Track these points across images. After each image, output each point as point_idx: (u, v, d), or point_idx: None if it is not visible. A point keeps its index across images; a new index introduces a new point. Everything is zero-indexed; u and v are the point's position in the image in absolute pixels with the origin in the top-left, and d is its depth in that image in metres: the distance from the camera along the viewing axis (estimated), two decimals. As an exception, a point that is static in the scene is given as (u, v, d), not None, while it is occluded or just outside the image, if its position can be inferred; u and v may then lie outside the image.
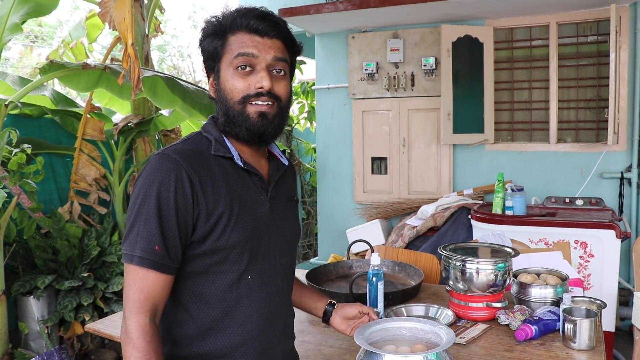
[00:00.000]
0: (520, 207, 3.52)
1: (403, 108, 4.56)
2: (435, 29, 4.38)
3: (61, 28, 14.44)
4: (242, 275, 1.26)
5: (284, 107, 1.30)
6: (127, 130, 4.28)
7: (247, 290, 1.27)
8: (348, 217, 4.81)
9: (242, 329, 1.27)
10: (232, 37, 1.25)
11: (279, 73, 1.27)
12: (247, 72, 1.24)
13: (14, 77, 4.14)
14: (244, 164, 1.28)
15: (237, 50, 1.24)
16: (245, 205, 1.26)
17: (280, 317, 1.36)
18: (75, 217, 4.01)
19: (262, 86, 1.23)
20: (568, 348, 1.70)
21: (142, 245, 1.17)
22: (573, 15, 4.04)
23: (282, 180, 1.40)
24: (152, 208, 1.17)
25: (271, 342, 1.33)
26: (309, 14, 4.19)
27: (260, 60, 1.24)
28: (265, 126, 1.26)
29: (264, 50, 1.24)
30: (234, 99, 1.25)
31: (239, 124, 1.26)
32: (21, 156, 3.36)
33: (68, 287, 3.53)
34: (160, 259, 1.17)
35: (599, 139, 4.08)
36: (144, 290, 1.18)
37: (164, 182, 1.18)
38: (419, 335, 1.38)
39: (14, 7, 3.30)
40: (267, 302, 1.31)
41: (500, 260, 1.93)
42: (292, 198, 1.45)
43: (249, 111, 1.25)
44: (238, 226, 1.24)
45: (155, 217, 1.17)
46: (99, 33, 5.02)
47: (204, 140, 1.29)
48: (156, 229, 1.17)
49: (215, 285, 1.25)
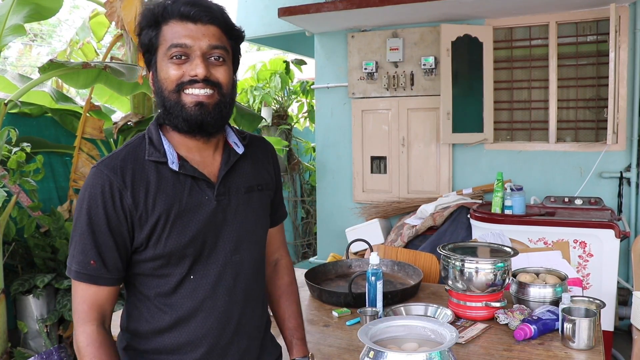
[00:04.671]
0: (520, 207, 3.53)
1: (402, 107, 4.56)
2: (434, 28, 4.37)
3: (61, 27, 14.43)
4: (185, 277, 1.25)
5: (225, 94, 1.25)
6: (126, 129, 4.28)
7: (191, 291, 1.26)
8: (347, 216, 4.81)
9: (188, 328, 1.26)
10: (165, 26, 1.21)
11: (217, 60, 1.23)
12: (182, 61, 1.20)
13: (14, 75, 4.14)
14: (180, 167, 1.23)
15: (170, 41, 1.20)
16: (184, 209, 1.22)
17: (231, 315, 1.30)
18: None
19: (197, 74, 1.19)
20: (567, 347, 1.71)
21: (78, 260, 1.19)
22: (572, 15, 4.04)
23: (236, 171, 1.33)
24: (84, 223, 1.18)
25: (221, 341, 1.29)
26: (308, 13, 4.19)
27: (194, 49, 1.19)
28: (204, 116, 1.21)
29: (198, 39, 1.19)
30: (169, 88, 1.21)
31: (176, 114, 1.22)
32: (21, 155, 3.36)
33: (67, 286, 3.53)
34: (96, 273, 1.19)
35: (598, 138, 4.08)
36: (87, 301, 1.20)
37: (93, 197, 1.18)
38: (421, 334, 1.37)
39: (13, 7, 3.30)
40: (213, 302, 1.27)
41: (500, 259, 1.93)
42: (252, 189, 1.35)
43: (184, 100, 1.21)
44: (175, 232, 1.21)
45: (88, 233, 1.18)
46: (105, 31, 5.04)
47: (144, 144, 1.26)
48: (90, 244, 1.18)
49: (159, 287, 1.26)
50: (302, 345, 1.51)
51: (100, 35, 4.98)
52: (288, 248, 1.64)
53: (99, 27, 4.92)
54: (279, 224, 1.55)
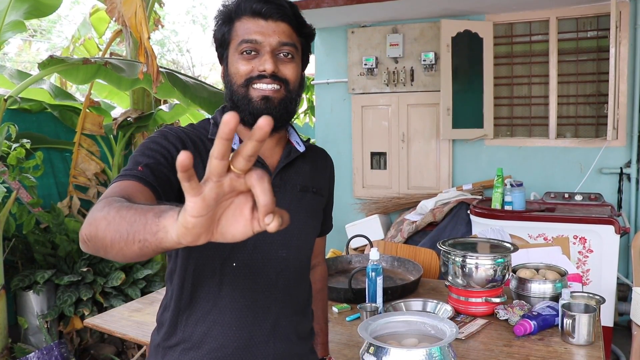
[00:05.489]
0: (520, 203, 3.53)
1: (402, 103, 4.55)
2: (434, 23, 4.37)
3: (60, 23, 14.40)
4: (226, 261, 1.22)
5: (292, 90, 1.26)
6: (126, 125, 4.28)
7: (231, 279, 1.23)
8: (347, 212, 4.81)
9: (223, 318, 1.23)
10: (237, 22, 1.24)
11: (286, 57, 1.24)
12: (251, 56, 1.23)
13: (12, 71, 4.13)
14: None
15: (241, 37, 1.22)
16: None
17: (269, 312, 1.26)
18: (74, 212, 4.01)
19: (265, 69, 1.21)
20: (567, 343, 1.71)
21: (127, 169, 1.10)
22: (573, 11, 4.04)
23: (294, 168, 1.33)
24: (141, 149, 1.15)
25: (255, 339, 1.24)
26: (308, 8, 4.18)
27: (264, 45, 1.22)
28: (270, 109, 1.22)
29: (268, 35, 1.22)
30: (237, 82, 1.24)
31: (243, 107, 1.24)
32: (20, 151, 3.36)
33: (67, 281, 3.53)
34: (140, 174, 1.08)
35: (598, 134, 4.08)
36: (116, 188, 1.03)
37: (158, 136, 1.19)
38: (422, 329, 1.38)
39: (12, 3, 3.29)
40: (252, 294, 1.24)
41: (499, 255, 1.93)
42: (307, 189, 1.35)
43: (252, 95, 1.23)
44: None
45: (141, 152, 1.14)
46: (106, 27, 5.05)
47: (208, 126, 1.29)
48: (141, 157, 1.12)
49: (201, 269, 1.22)
50: (323, 349, 1.57)
51: (101, 31, 4.99)
52: None
53: (99, 23, 4.93)
54: (324, 235, 1.58)
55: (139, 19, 3.45)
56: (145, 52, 3.43)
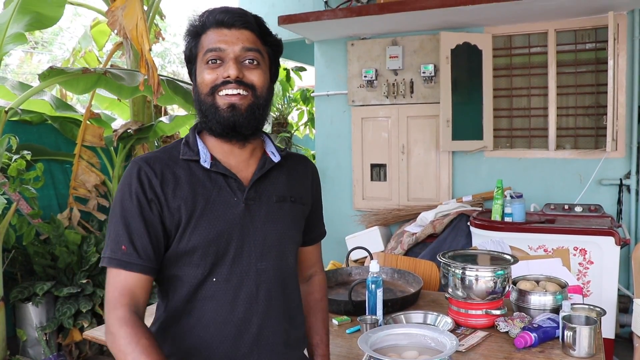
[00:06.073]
0: (520, 214, 3.53)
1: (402, 115, 4.56)
2: (434, 36, 4.39)
3: (62, 35, 14.47)
4: (207, 277, 1.26)
5: (260, 96, 1.28)
6: (126, 136, 4.29)
7: (212, 293, 1.26)
8: (347, 223, 4.81)
9: (206, 332, 1.26)
10: (203, 36, 1.27)
11: (251, 63, 1.26)
12: (216, 65, 1.25)
13: (14, 83, 4.15)
14: (212, 165, 1.27)
15: (206, 47, 1.25)
16: (211, 207, 1.25)
17: (251, 325, 1.28)
18: (74, 224, 4.01)
19: (229, 74, 1.23)
20: (568, 355, 1.70)
21: (111, 247, 1.22)
22: (571, 23, 4.06)
23: (269, 179, 1.34)
24: (118, 212, 1.23)
25: (239, 351, 1.27)
26: (308, 21, 4.20)
27: (228, 52, 1.24)
28: (236, 117, 1.25)
29: (232, 43, 1.24)
30: (204, 91, 1.26)
31: (211, 117, 1.26)
32: (21, 162, 3.36)
33: (67, 293, 3.52)
34: (127, 258, 1.20)
35: (597, 145, 4.09)
36: (118, 288, 1.20)
37: (126, 186, 1.24)
38: (422, 342, 1.37)
39: (14, 16, 3.31)
40: (233, 307, 1.27)
41: (500, 267, 1.93)
42: (284, 199, 1.35)
43: (218, 103, 1.25)
44: (199, 229, 1.23)
45: (121, 220, 1.22)
46: (107, 40, 5.09)
47: (180, 146, 1.32)
48: (122, 230, 1.21)
49: (184, 286, 1.27)
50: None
51: (101, 43, 5.02)
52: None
53: (100, 35, 4.97)
54: (316, 243, 1.57)
55: (140, 31, 3.48)
56: (146, 63, 3.45)
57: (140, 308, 1.21)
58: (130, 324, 1.16)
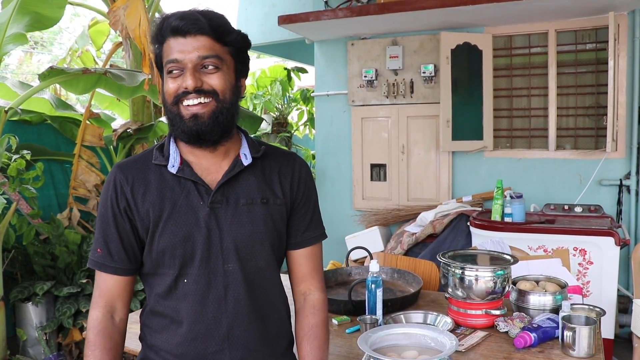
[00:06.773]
0: (519, 214, 3.53)
1: (402, 115, 4.56)
2: (434, 36, 4.39)
3: (61, 35, 14.47)
4: (178, 279, 1.32)
5: (223, 99, 1.29)
6: (126, 136, 4.29)
7: (184, 293, 1.32)
8: (347, 223, 4.81)
9: (180, 329, 1.33)
10: (165, 43, 1.29)
11: (210, 68, 1.27)
12: (178, 74, 1.28)
13: (14, 82, 4.15)
14: (179, 170, 1.32)
15: (166, 58, 1.28)
16: (178, 210, 1.30)
17: (220, 324, 1.32)
18: (74, 224, 4.01)
19: (187, 86, 1.26)
20: (567, 356, 1.70)
21: (92, 249, 1.35)
22: (572, 23, 4.06)
23: (238, 182, 1.34)
24: (98, 218, 1.35)
25: (209, 349, 1.32)
26: (308, 21, 4.20)
27: (185, 62, 1.26)
28: (199, 126, 1.27)
29: (188, 52, 1.25)
30: (169, 101, 1.30)
31: (177, 126, 1.31)
32: (20, 162, 3.36)
33: (67, 293, 3.52)
34: (102, 260, 1.32)
35: (597, 146, 4.09)
36: (97, 288, 1.34)
37: (104, 193, 1.34)
38: (422, 342, 1.37)
39: (13, 16, 3.31)
40: (203, 307, 1.32)
41: (499, 267, 1.93)
42: (254, 201, 1.34)
43: (182, 113, 1.29)
44: (166, 232, 1.29)
45: (99, 224, 1.34)
46: (104, 40, 5.08)
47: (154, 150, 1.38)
48: (99, 234, 1.34)
49: (159, 286, 1.34)
50: None
51: (99, 43, 5.02)
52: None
53: (98, 35, 4.96)
54: (305, 248, 1.44)
55: (142, 30, 3.47)
56: (149, 63, 3.45)
57: (118, 310, 1.34)
58: (96, 330, 1.29)
